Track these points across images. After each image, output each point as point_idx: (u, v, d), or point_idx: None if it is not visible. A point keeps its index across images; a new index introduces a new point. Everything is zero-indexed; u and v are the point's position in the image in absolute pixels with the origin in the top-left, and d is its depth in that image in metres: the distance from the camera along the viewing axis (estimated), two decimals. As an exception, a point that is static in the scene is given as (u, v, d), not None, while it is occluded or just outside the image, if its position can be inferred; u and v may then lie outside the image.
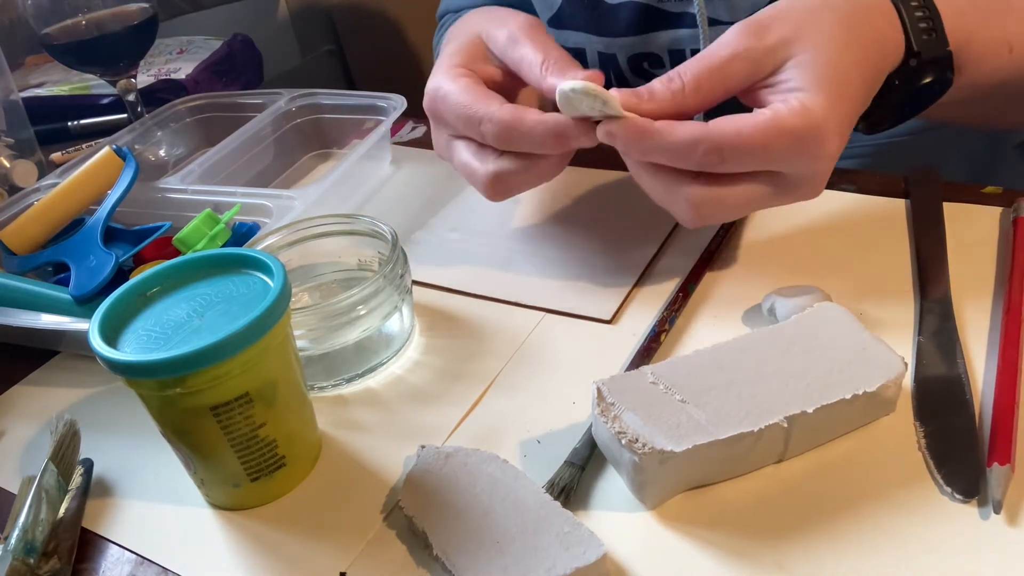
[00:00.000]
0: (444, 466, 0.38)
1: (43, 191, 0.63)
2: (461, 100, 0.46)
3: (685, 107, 0.41)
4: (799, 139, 0.39)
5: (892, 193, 0.55)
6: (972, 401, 0.39)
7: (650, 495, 0.36)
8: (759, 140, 0.38)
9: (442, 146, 0.51)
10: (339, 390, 0.46)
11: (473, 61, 0.50)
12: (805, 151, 0.39)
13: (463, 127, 0.46)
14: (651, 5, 0.62)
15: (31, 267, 0.57)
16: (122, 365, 0.35)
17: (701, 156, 0.39)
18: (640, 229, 0.55)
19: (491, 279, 0.53)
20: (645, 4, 0.62)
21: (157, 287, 0.39)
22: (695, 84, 0.41)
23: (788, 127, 0.38)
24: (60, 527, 0.39)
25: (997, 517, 0.34)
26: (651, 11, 0.62)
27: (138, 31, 0.73)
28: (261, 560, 0.37)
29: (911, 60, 0.44)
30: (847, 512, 0.35)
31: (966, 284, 0.46)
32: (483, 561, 0.34)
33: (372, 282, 0.44)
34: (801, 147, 0.39)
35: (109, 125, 0.87)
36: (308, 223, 0.50)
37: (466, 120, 0.46)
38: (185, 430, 0.37)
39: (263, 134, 0.69)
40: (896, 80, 0.45)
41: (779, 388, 0.37)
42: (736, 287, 0.49)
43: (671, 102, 0.41)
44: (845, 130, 0.41)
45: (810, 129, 0.39)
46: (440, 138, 0.51)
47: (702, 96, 0.41)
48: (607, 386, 0.38)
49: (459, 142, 0.49)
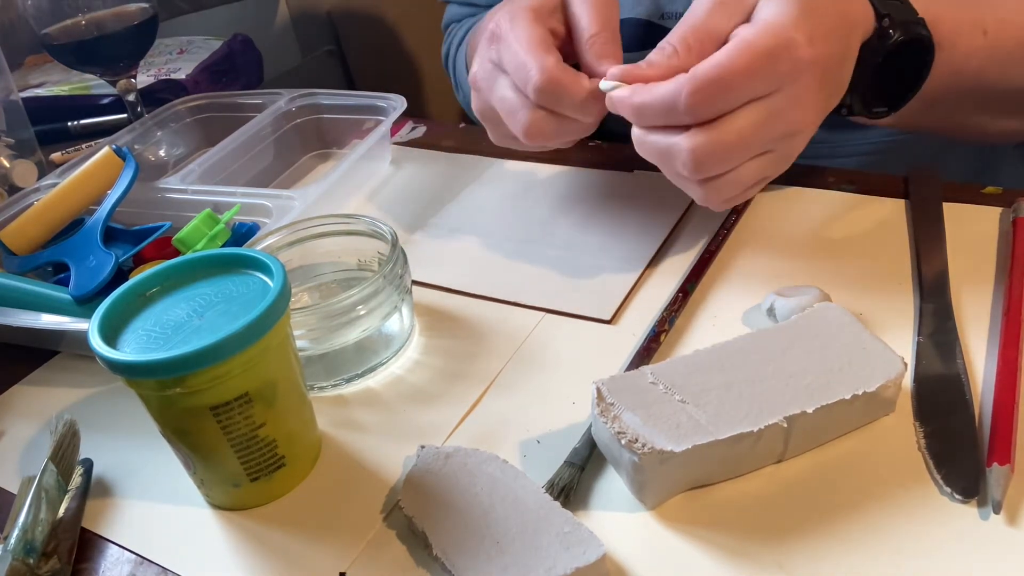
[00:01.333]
0: (444, 466, 0.38)
1: (43, 191, 0.63)
2: (521, 41, 0.46)
3: (683, 65, 0.43)
4: (770, 52, 0.40)
5: (892, 193, 0.55)
6: (972, 401, 0.39)
7: (650, 495, 0.36)
8: (735, 65, 0.40)
9: (486, 73, 0.50)
10: (339, 390, 0.46)
11: (547, 11, 0.49)
12: (779, 60, 0.41)
13: (514, 69, 0.47)
14: (652, 22, 0.63)
15: (31, 267, 0.57)
16: (122, 365, 0.35)
17: (687, 100, 0.40)
18: (640, 229, 0.55)
19: (491, 279, 0.53)
20: (646, 20, 0.63)
21: (157, 287, 0.39)
22: (684, 44, 0.43)
23: (758, 45, 0.40)
24: (60, 527, 0.39)
25: (997, 517, 0.34)
26: (652, 27, 0.63)
27: (138, 31, 0.73)
28: (261, 560, 0.37)
29: (883, 22, 0.46)
30: (847, 512, 0.35)
31: (966, 284, 0.46)
32: (483, 561, 0.34)
33: (372, 282, 0.44)
34: (774, 58, 0.40)
35: (109, 125, 0.87)
36: (308, 223, 0.50)
37: (518, 63, 0.46)
38: (185, 430, 0.37)
39: (263, 134, 0.69)
40: (874, 41, 0.46)
41: (779, 388, 0.37)
42: (736, 287, 0.49)
43: (668, 65, 0.43)
44: (819, 42, 0.42)
45: (778, 40, 0.40)
46: (485, 66, 0.50)
47: (695, 52, 0.43)
48: (607, 386, 0.38)
49: (504, 76, 0.49)
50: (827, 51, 0.42)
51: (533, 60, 0.45)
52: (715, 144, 0.41)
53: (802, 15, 0.41)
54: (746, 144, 0.42)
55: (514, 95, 0.48)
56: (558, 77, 0.45)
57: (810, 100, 0.43)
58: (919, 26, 0.47)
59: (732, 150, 0.42)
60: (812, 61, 0.41)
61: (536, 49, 0.46)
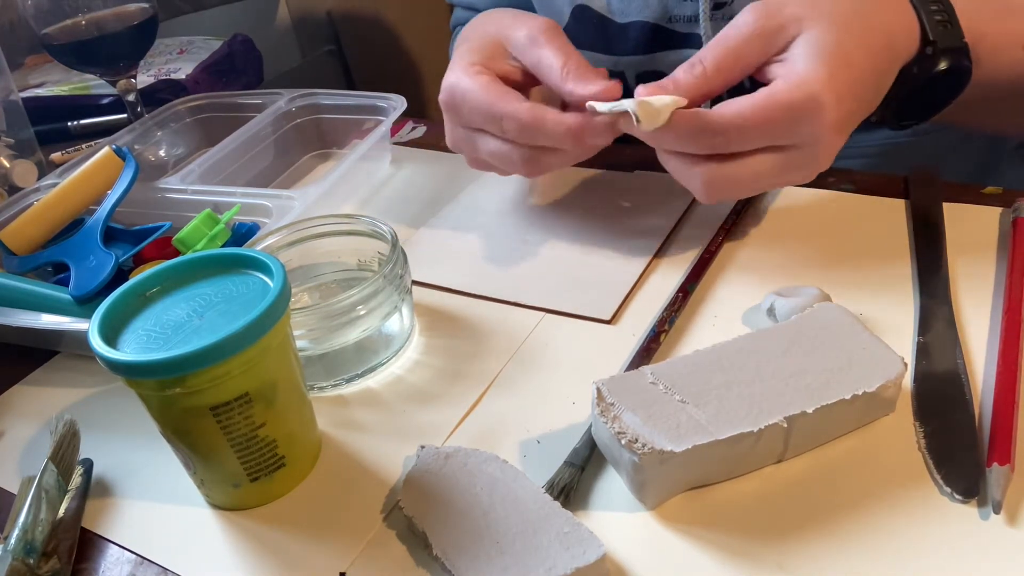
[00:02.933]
0: (444, 466, 0.38)
1: (43, 191, 0.63)
2: (482, 97, 0.48)
3: (709, 90, 0.44)
4: (796, 110, 0.41)
5: (892, 193, 0.55)
6: (972, 401, 0.39)
7: (650, 495, 0.36)
8: (759, 118, 0.41)
9: (460, 139, 0.52)
10: (339, 390, 0.46)
11: (491, 59, 0.51)
12: (803, 121, 0.41)
13: (484, 123, 0.48)
14: (660, 25, 0.63)
15: (31, 267, 0.57)
16: (122, 365, 0.35)
17: (708, 141, 0.42)
18: (640, 229, 0.55)
19: (491, 279, 0.53)
20: (654, 24, 0.63)
21: (157, 287, 0.39)
22: (715, 67, 0.43)
23: (785, 101, 0.41)
24: (60, 527, 0.39)
25: (997, 517, 0.34)
26: (660, 31, 0.63)
27: (138, 31, 0.73)
28: (261, 560, 0.37)
29: (927, 48, 0.46)
30: (847, 512, 0.35)
31: (966, 284, 0.46)
32: (483, 561, 0.34)
33: (372, 282, 0.44)
34: (799, 118, 0.41)
35: (109, 125, 0.87)
36: (308, 223, 0.50)
37: (487, 117, 0.47)
38: (185, 430, 0.37)
39: (263, 134, 0.69)
40: (914, 68, 0.46)
41: (779, 388, 0.37)
42: (736, 287, 0.49)
43: (695, 86, 0.43)
44: (847, 101, 0.42)
45: (807, 100, 0.41)
46: (457, 132, 0.52)
47: (722, 77, 0.44)
48: (607, 386, 0.38)
49: (482, 135, 0.50)
50: (853, 108, 0.43)
51: (504, 108, 0.46)
52: (728, 179, 0.43)
53: (836, 70, 0.41)
54: (758, 183, 0.44)
55: (500, 145, 0.49)
56: (535, 119, 0.46)
57: (826, 155, 0.44)
58: (964, 55, 0.46)
59: (744, 185, 0.44)
60: (836, 124, 0.42)
61: (502, 98, 0.47)
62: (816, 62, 0.41)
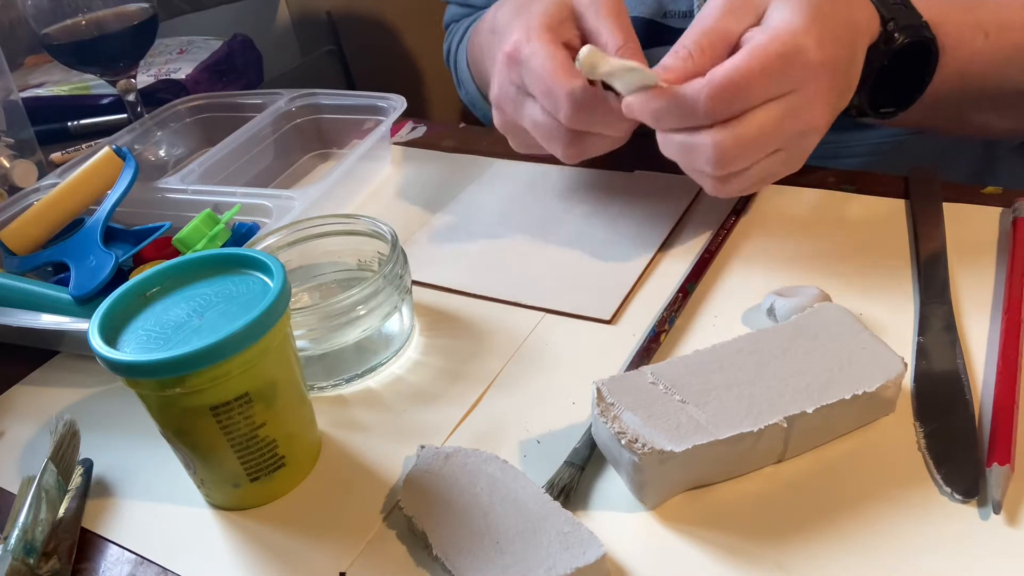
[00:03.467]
0: (444, 466, 0.38)
1: (43, 191, 0.63)
2: (545, 66, 0.47)
3: (698, 69, 0.44)
4: (782, 56, 0.42)
5: (892, 193, 0.55)
6: (972, 401, 0.39)
7: (650, 495, 0.36)
8: (750, 69, 0.42)
9: (508, 97, 0.51)
10: (339, 390, 0.46)
11: (561, 24, 0.50)
12: (792, 66, 0.42)
13: (539, 93, 0.48)
14: (655, 20, 0.63)
15: (31, 267, 0.57)
16: (122, 365, 0.35)
17: (706, 103, 0.42)
18: (640, 229, 0.55)
19: (491, 279, 0.53)
20: (649, 19, 0.63)
21: (157, 287, 0.39)
22: (698, 47, 0.44)
23: (770, 50, 0.42)
24: (60, 527, 0.39)
25: (997, 517, 0.34)
26: (655, 26, 0.63)
27: (138, 31, 0.73)
28: (261, 560, 0.37)
29: (888, 25, 0.48)
30: (847, 512, 0.35)
31: (966, 284, 0.46)
32: (483, 561, 0.34)
33: (372, 282, 0.44)
34: (788, 63, 0.42)
35: (109, 125, 0.87)
36: (308, 223, 0.50)
37: (545, 90, 0.47)
38: (185, 430, 0.37)
39: (263, 134, 0.69)
40: (880, 45, 0.48)
41: (779, 388, 0.37)
42: (736, 287, 0.49)
43: (683, 69, 0.44)
44: (828, 45, 0.43)
45: (790, 45, 0.42)
46: (507, 89, 0.51)
47: (708, 56, 0.44)
48: (607, 386, 0.38)
49: (531, 101, 0.50)
50: (836, 54, 0.44)
51: (561, 87, 0.46)
52: (737, 139, 0.43)
53: (811, 21, 0.43)
54: (766, 138, 0.44)
55: (546, 119, 0.49)
56: (589, 103, 0.46)
57: (822, 100, 0.44)
58: (923, 29, 0.48)
59: (753, 144, 0.44)
60: (822, 64, 0.43)
61: (561, 75, 0.47)
62: (790, 13, 0.43)
